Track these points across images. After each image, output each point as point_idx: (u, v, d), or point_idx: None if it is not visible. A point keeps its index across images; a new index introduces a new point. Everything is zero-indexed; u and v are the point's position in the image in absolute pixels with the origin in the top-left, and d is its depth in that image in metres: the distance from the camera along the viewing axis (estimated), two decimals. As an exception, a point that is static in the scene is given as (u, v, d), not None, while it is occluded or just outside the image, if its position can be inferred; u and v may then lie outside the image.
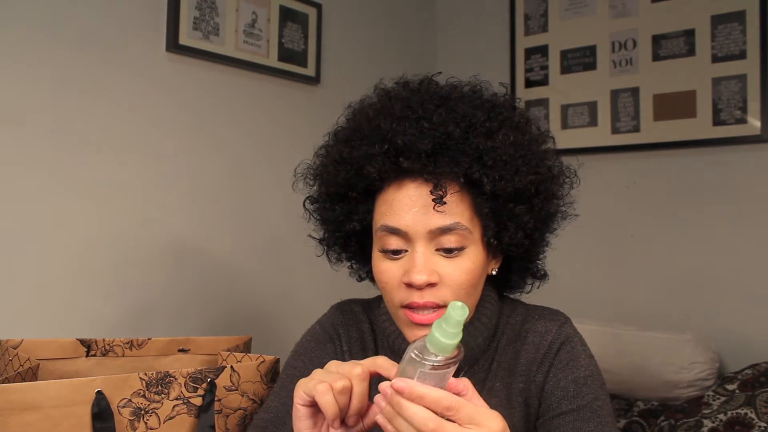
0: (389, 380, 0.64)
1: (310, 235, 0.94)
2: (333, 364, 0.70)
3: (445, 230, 0.77)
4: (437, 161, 0.77)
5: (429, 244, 0.77)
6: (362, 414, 0.68)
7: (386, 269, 0.80)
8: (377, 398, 0.66)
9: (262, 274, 1.75)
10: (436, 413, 0.60)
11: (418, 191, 0.78)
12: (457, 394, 0.62)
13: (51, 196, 1.35)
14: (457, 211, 0.77)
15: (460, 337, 0.60)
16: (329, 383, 0.66)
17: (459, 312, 0.59)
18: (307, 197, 0.92)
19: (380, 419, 0.64)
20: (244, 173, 1.73)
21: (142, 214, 1.50)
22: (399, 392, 0.61)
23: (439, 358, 0.60)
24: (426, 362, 0.60)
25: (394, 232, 0.78)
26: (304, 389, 0.67)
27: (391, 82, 0.89)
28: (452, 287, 0.77)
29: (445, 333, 0.60)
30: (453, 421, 0.60)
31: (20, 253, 1.30)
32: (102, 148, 1.43)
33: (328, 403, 0.65)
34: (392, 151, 0.77)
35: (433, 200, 0.76)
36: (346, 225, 0.84)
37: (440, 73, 0.88)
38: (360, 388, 0.67)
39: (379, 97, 0.87)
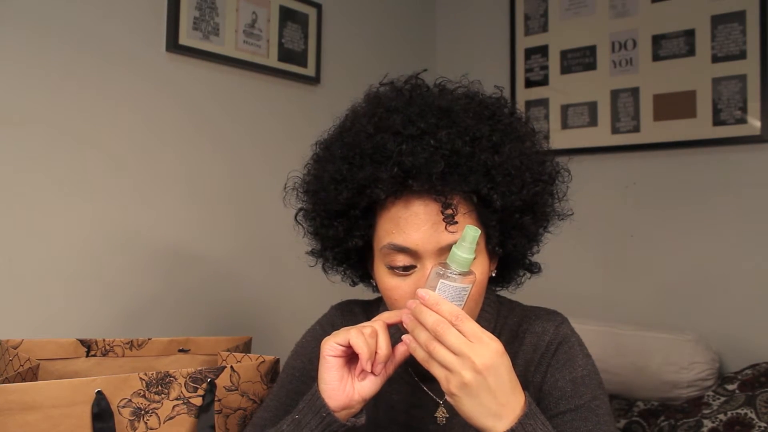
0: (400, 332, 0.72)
1: (307, 253, 0.92)
2: (344, 328, 0.76)
3: None
4: (446, 181, 0.76)
5: (438, 259, 0.77)
6: (388, 360, 0.75)
7: (396, 286, 0.79)
8: (402, 340, 0.74)
9: (263, 275, 1.75)
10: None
11: (426, 209, 0.77)
12: None
13: (51, 196, 1.35)
14: (464, 225, 0.76)
15: (473, 256, 0.71)
16: (358, 329, 0.73)
17: (472, 231, 0.70)
18: (300, 210, 0.90)
19: (405, 338, 0.73)
20: (244, 173, 1.73)
21: (141, 214, 1.50)
22: (421, 299, 0.70)
23: (457, 271, 0.71)
24: (448, 272, 0.71)
25: (403, 250, 0.77)
26: (335, 340, 0.74)
27: (377, 86, 0.87)
28: None
29: (462, 248, 0.70)
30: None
31: (20, 253, 1.30)
32: (101, 148, 1.43)
33: (364, 344, 0.72)
34: (401, 174, 0.76)
35: (444, 220, 0.75)
36: (348, 242, 0.83)
37: (425, 70, 0.86)
38: (385, 335, 0.74)
39: (372, 107, 0.83)
